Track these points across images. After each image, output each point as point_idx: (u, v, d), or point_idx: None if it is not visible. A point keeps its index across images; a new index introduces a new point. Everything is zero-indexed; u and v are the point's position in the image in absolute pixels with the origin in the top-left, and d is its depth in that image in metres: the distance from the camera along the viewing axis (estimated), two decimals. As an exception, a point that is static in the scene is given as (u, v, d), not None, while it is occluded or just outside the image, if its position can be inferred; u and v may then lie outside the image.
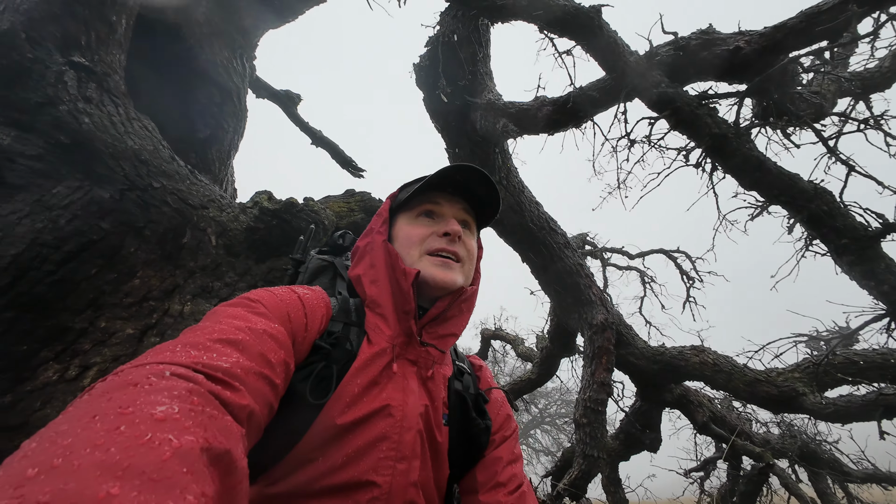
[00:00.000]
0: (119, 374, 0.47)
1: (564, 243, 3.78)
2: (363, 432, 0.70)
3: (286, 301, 0.72)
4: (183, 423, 0.39)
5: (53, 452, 0.33)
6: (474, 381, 0.91)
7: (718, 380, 3.19)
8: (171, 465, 0.34)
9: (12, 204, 1.42)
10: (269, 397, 0.58)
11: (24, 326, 1.30)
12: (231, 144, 2.67)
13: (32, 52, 1.58)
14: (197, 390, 0.46)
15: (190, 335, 0.58)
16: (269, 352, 0.61)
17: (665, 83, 2.04)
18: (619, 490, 4.33)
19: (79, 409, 0.39)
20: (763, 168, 1.87)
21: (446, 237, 0.84)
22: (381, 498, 0.68)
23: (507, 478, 0.82)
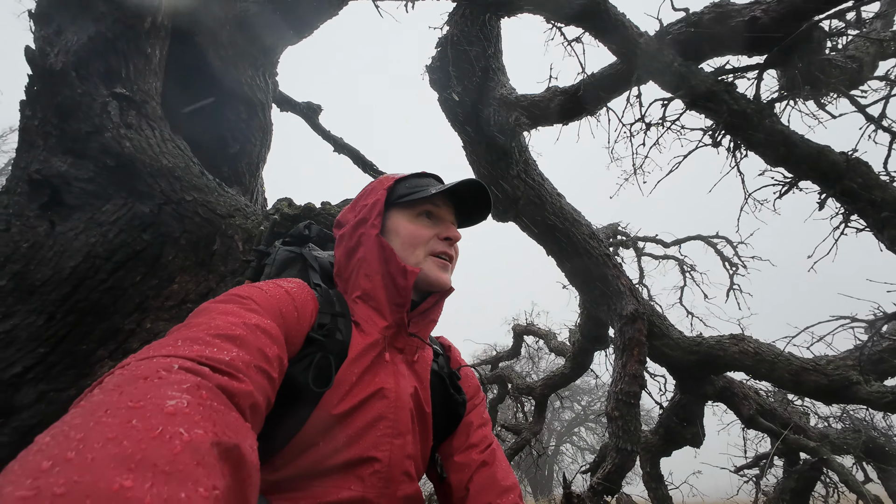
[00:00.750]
0: (127, 368, 0.48)
1: (590, 234, 3.71)
2: (362, 414, 0.76)
3: (276, 297, 0.74)
4: (193, 417, 0.40)
5: (67, 446, 0.33)
6: (447, 361, 0.99)
7: (761, 369, 3.01)
8: (183, 458, 0.35)
9: (70, 222, 1.62)
10: (268, 391, 0.60)
11: (84, 328, 1.49)
12: (259, 157, 2.85)
13: (81, 87, 1.79)
14: (205, 384, 0.47)
15: (186, 331, 0.58)
16: (265, 347, 0.62)
17: (678, 62, 1.97)
18: (661, 486, 4.19)
19: (91, 404, 0.40)
20: (788, 142, 1.75)
21: (447, 241, 0.89)
22: (382, 471, 0.75)
23: (478, 439, 0.92)
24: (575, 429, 19.53)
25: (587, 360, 4.78)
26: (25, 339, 1.40)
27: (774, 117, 1.79)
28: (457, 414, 0.92)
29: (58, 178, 1.66)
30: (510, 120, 2.78)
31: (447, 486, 0.89)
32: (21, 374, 1.36)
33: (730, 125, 1.84)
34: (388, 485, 0.75)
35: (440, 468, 0.89)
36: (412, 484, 0.80)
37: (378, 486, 0.74)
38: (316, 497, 0.70)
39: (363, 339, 0.81)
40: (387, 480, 0.75)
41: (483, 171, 3.34)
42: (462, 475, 0.88)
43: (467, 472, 0.87)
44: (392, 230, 0.90)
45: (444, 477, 0.89)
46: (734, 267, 5.22)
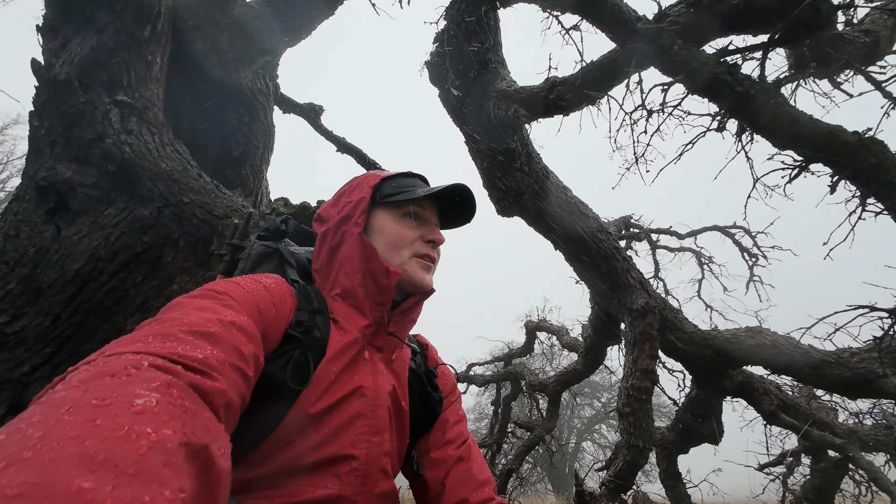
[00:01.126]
0: (93, 364, 0.46)
1: (597, 227, 3.63)
2: (340, 412, 0.75)
3: (254, 293, 0.73)
4: (161, 417, 0.38)
5: (24, 445, 0.31)
6: (424, 359, 0.98)
7: (779, 363, 2.89)
8: (149, 458, 0.33)
9: (75, 226, 1.68)
10: (243, 390, 0.58)
11: (88, 328, 1.54)
12: (262, 159, 2.90)
13: (85, 95, 1.85)
14: (176, 382, 0.45)
15: (158, 326, 0.56)
16: (240, 344, 0.61)
17: (678, 45, 1.90)
18: (679, 484, 4.08)
19: (52, 401, 0.38)
20: (796, 123, 1.67)
21: (430, 244, 0.89)
22: (360, 468, 0.74)
23: (454, 435, 0.92)
24: (595, 426, 19.27)
25: (600, 355, 4.69)
26: (33, 339, 1.46)
27: (781, 98, 1.70)
28: (433, 411, 0.92)
29: (63, 184, 1.72)
30: (509, 113, 2.74)
31: (423, 482, 0.89)
32: (29, 373, 1.42)
33: (733, 108, 1.77)
34: (365, 482, 0.74)
35: (416, 465, 0.89)
36: (388, 481, 0.79)
37: (355, 483, 0.73)
38: (291, 495, 0.69)
39: (342, 336, 0.80)
40: (364, 478, 0.74)
41: (486, 167, 3.31)
42: (438, 471, 0.88)
43: (443, 468, 0.88)
44: (376, 229, 0.89)
45: (420, 473, 0.88)
46: (754, 258, 5.03)
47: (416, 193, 0.89)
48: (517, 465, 4.84)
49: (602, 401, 18.67)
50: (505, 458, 6.59)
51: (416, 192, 0.89)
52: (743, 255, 5.15)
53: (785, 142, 1.72)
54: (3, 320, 1.46)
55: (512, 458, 5.01)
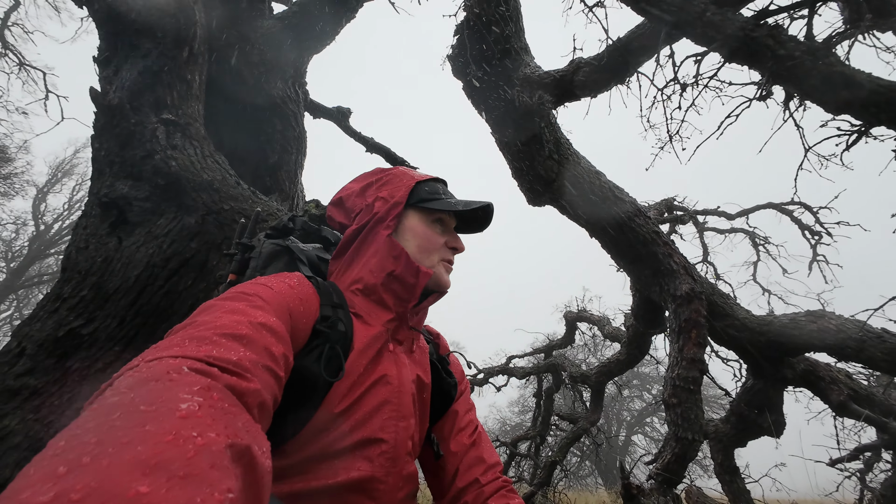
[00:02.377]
0: (137, 370, 0.48)
1: (634, 211, 3.48)
2: (368, 400, 0.79)
3: (282, 293, 0.75)
4: (205, 420, 0.40)
5: (82, 451, 0.33)
6: (436, 348, 1.03)
7: (847, 349, 2.64)
8: (197, 461, 0.35)
9: (133, 237, 1.85)
10: (275, 389, 0.61)
11: (149, 329, 1.70)
12: (296, 164, 3.03)
13: (135, 117, 2.02)
14: (215, 385, 0.47)
15: (192, 330, 0.59)
16: (270, 345, 0.63)
17: (711, 10, 1.77)
18: (737, 479, 3.86)
19: (103, 407, 0.40)
20: (852, 84, 1.50)
21: (453, 251, 0.96)
22: (389, 451, 0.79)
23: (465, 423, 0.98)
24: (646, 419, 18.54)
25: (644, 345, 4.51)
26: (104, 339, 1.64)
27: (833, 58, 1.54)
28: (449, 395, 0.97)
29: (122, 199, 1.90)
30: (534, 99, 2.68)
31: (440, 465, 0.95)
32: (102, 370, 1.60)
33: (777, 74, 1.62)
34: (394, 464, 0.79)
35: (436, 447, 0.94)
36: (412, 462, 0.85)
37: (385, 465, 0.78)
38: (326, 478, 0.73)
39: (367, 330, 0.84)
40: (393, 460, 0.79)
41: (513, 157, 3.26)
42: (454, 457, 0.94)
43: (458, 454, 0.95)
44: (408, 230, 0.91)
45: (440, 455, 0.94)
46: (816, 236, 4.60)
47: (449, 203, 0.92)
48: (561, 457, 4.77)
49: (653, 393, 17.91)
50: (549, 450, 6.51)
51: (450, 202, 0.93)
52: (804, 233, 4.72)
53: (839, 106, 1.56)
54: (79, 323, 1.64)
55: (556, 451, 4.94)
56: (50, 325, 1.64)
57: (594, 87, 2.39)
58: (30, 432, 1.44)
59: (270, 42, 2.79)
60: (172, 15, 2.26)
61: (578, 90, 2.41)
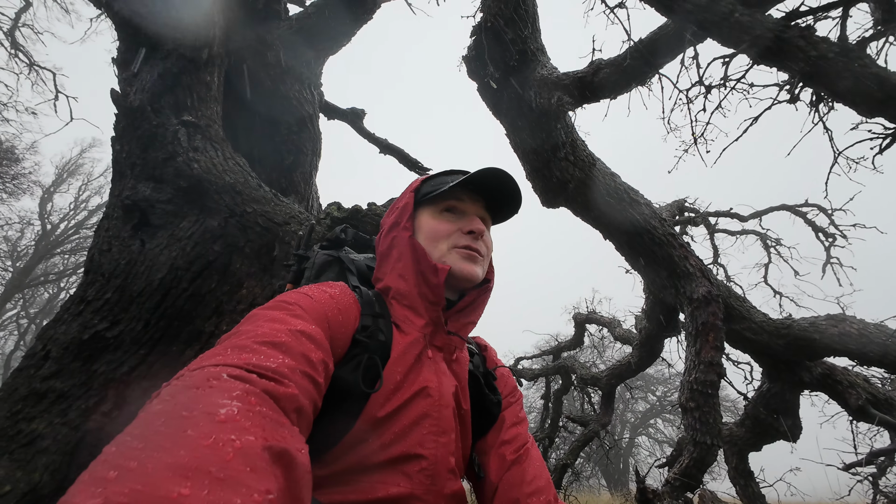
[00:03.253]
0: (181, 379, 0.50)
1: (650, 214, 3.45)
2: (408, 412, 0.77)
3: (321, 302, 0.76)
4: (243, 424, 0.42)
5: (129, 455, 0.35)
6: (482, 361, 0.98)
7: (869, 353, 2.60)
8: (235, 464, 0.37)
9: (156, 240, 1.84)
10: (314, 395, 0.62)
11: (173, 331, 1.69)
12: (311, 165, 3.02)
13: (156, 119, 2.02)
14: (252, 390, 0.49)
15: (234, 339, 0.61)
16: (309, 352, 0.64)
17: (739, 11, 1.75)
18: (751, 483, 3.82)
19: (149, 414, 0.43)
20: (887, 85, 1.48)
21: (471, 235, 0.88)
22: (429, 468, 0.76)
23: (511, 437, 0.91)
24: (651, 420, 18.46)
25: (657, 347, 4.48)
26: (129, 342, 1.63)
27: (867, 59, 1.52)
28: (491, 413, 0.91)
29: (144, 202, 1.89)
30: (552, 101, 2.66)
31: (483, 484, 0.89)
32: (128, 373, 1.59)
33: (808, 75, 1.60)
34: (434, 482, 0.76)
35: (477, 467, 0.89)
36: (456, 481, 0.80)
37: (425, 483, 0.75)
38: (364, 492, 0.72)
39: (404, 338, 0.83)
40: (433, 477, 0.76)
41: (528, 158, 3.25)
42: (495, 473, 0.88)
43: (500, 470, 0.87)
44: (419, 229, 0.92)
45: (481, 476, 0.88)
46: (830, 238, 4.56)
47: (445, 182, 0.90)
48: (572, 460, 4.75)
49: (657, 394, 17.84)
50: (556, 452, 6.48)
51: (446, 181, 0.90)
52: (817, 235, 4.68)
53: (873, 108, 1.54)
54: (104, 326, 1.64)
55: (567, 453, 4.92)
56: (75, 328, 1.64)
57: (614, 89, 2.37)
58: (58, 436, 1.43)
59: (287, 44, 2.78)
60: (192, 17, 2.25)
61: (598, 92, 2.39)
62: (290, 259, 1.08)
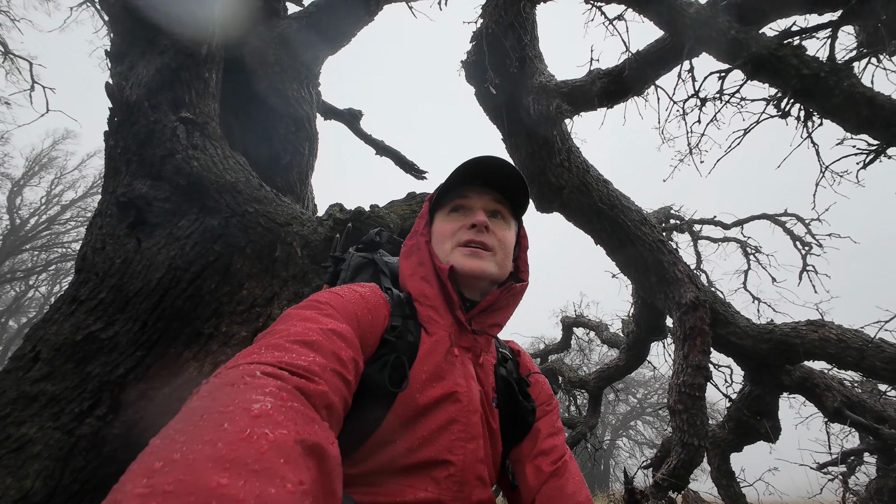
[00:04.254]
0: (219, 377, 0.53)
1: (640, 220, 3.55)
2: (436, 416, 0.77)
3: (352, 301, 0.78)
4: (276, 418, 0.43)
5: (173, 448, 0.38)
6: (516, 367, 0.97)
7: (847, 358, 2.73)
8: (270, 456, 0.38)
9: (154, 238, 1.79)
10: (344, 392, 0.63)
11: (171, 333, 1.65)
12: (308, 166, 2.99)
13: (154, 115, 1.97)
14: (284, 387, 0.51)
15: (269, 338, 0.64)
16: (339, 350, 0.66)
17: (735, 29, 1.82)
18: (733, 483, 3.95)
19: (189, 410, 0.46)
20: (873, 104, 1.56)
21: (473, 228, 0.88)
22: (457, 474, 0.75)
23: (548, 447, 0.89)
24: (631, 422, 18.81)
25: (644, 351, 4.59)
26: (125, 343, 1.58)
27: (854, 78, 1.60)
28: (525, 421, 0.90)
29: (140, 199, 1.84)
30: (550, 108, 2.71)
31: (517, 495, 0.88)
32: (124, 375, 1.54)
33: (800, 92, 1.68)
34: (462, 488, 0.75)
35: (511, 476, 0.88)
36: (486, 489, 0.80)
37: (453, 489, 0.75)
38: (393, 495, 0.72)
39: (430, 338, 0.83)
40: (461, 484, 0.75)
41: (524, 163, 3.29)
42: (530, 485, 0.86)
43: (536, 482, 0.85)
44: (433, 234, 0.94)
45: (515, 485, 0.87)
46: (807, 246, 4.76)
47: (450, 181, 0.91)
48: (560, 462, 4.81)
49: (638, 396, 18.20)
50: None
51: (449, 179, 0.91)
52: (795, 243, 4.88)
53: (860, 125, 1.62)
54: (99, 326, 1.58)
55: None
56: (67, 329, 1.58)
57: (612, 98, 2.43)
58: (50, 441, 1.38)
59: (286, 42, 2.75)
60: (190, 13, 2.21)
61: (596, 100, 2.44)
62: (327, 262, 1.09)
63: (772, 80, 1.77)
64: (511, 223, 0.96)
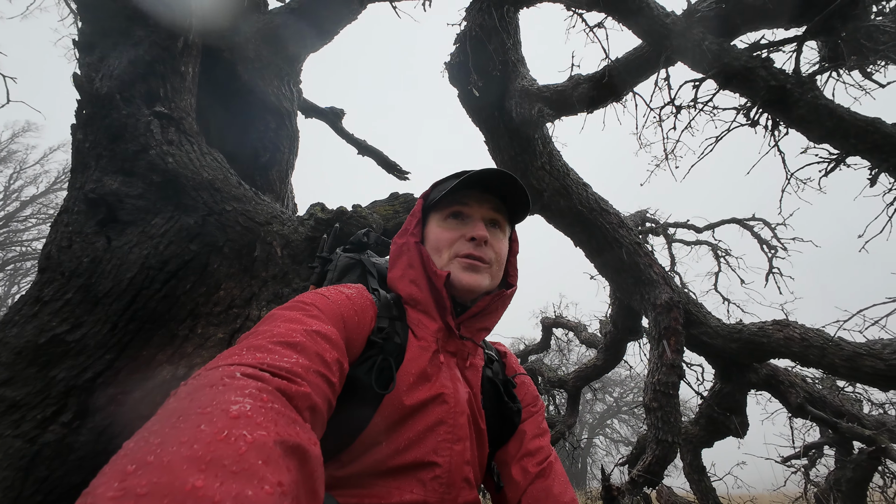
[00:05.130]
0: (198, 378, 0.52)
1: (618, 223, 3.64)
2: (423, 417, 0.77)
3: (338, 302, 0.77)
4: (255, 419, 0.43)
5: (147, 450, 0.37)
6: (502, 368, 0.97)
7: (810, 356, 2.88)
8: (248, 457, 0.38)
9: (125, 237, 1.73)
10: (328, 394, 0.62)
11: (144, 335, 1.58)
12: (288, 164, 2.93)
13: (126, 108, 1.89)
14: (265, 388, 0.50)
15: (251, 339, 0.62)
16: (323, 352, 0.65)
17: (709, 40, 1.90)
18: (704, 478, 4.09)
19: (166, 411, 0.44)
20: (834, 116, 1.66)
21: (473, 242, 0.86)
22: (443, 476, 0.75)
23: (534, 448, 0.89)
24: (608, 421, 19.23)
25: (620, 351, 4.70)
26: (94, 346, 1.51)
27: (818, 91, 1.70)
28: (511, 422, 0.90)
29: (111, 195, 1.77)
30: (533, 112, 2.75)
31: (503, 496, 0.87)
32: (92, 379, 1.47)
33: (768, 102, 1.76)
34: (448, 490, 0.75)
35: (496, 477, 0.88)
36: (472, 491, 0.80)
37: (439, 491, 0.74)
38: (379, 497, 0.71)
39: (417, 342, 0.83)
40: (447, 486, 0.75)
41: (506, 165, 3.33)
42: (517, 486, 0.86)
43: (522, 483, 0.85)
44: (426, 235, 0.92)
45: (500, 486, 0.87)
46: (773, 250, 4.99)
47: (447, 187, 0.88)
48: (539, 461, 4.87)
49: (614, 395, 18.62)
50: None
51: (446, 185, 0.90)
52: (762, 247, 5.11)
53: (823, 135, 1.72)
54: (65, 329, 1.51)
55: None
56: (29, 331, 1.50)
57: (592, 104, 2.49)
58: (10, 449, 1.30)
59: (267, 37, 2.70)
60: (167, 3, 2.14)
61: (577, 105, 2.50)
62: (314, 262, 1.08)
63: (742, 90, 1.86)
64: (507, 231, 0.95)
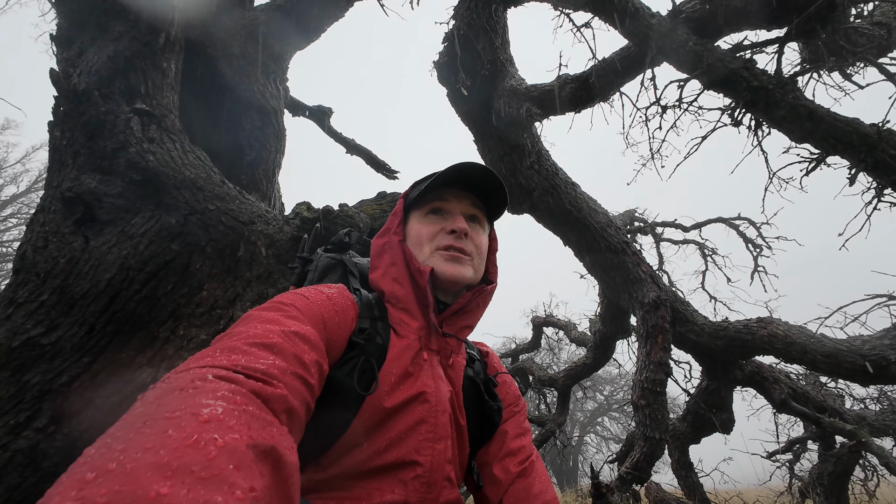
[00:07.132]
0: (167, 381, 0.49)
1: (606, 222, 3.66)
2: (404, 417, 0.76)
3: (318, 303, 0.75)
4: (227, 423, 0.41)
5: (109, 457, 0.35)
6: (483, 367, 0.97)
7: (792, 353, 2.93)
8: (218, 462, 0.36)
9: (103, 236, 1.68)
10: (306, 396, 0.61)
11: (123, 337, 1.55)
12: (275, 163, 2.90)
13: (105, 105, 1.85)
14: (239, 390, 0.48)
15: (226, 341, 0.60)
16: (302, 353, 0.63)
17: (693, 41, 1.92)
18: (692, 474, 4.14)
19: (132, 416, 0.42)
20: (814, 117, 1.69)
21: (453, 234, 0.86)
22: (424, 475, 0.74)
23: (516, 447, 0.89)
24: (598, 419, 19.39)
25: (609, 349, 4.74)
26: (70, 349, 1.47)
27: (798, 92, 1.73)
28: (492, 421, 0.90)
29: (89, 194, 1.72)
30: (521, 111, 2.75)
31: (483, 496, 0.87)
32: (68, 383, 1.43)
33: (750, 103, 1.79)
34: (429, 489, 0.75)
35: (477, 476, 0.88)
36: (453, 490, 0.79)
37: (420, 490, 0.74)
38: (360, 498, 0.70)
39: (400, 341, 0.82)
40: (428, 485, 0.75)
41: (495, 165, 3.33)
42: (498, 485, 0.86)
43: (503, 482, 0.85)
44: (407, 233, 0.92)
45: (480, 486, 0.87)
46: (758, 248, 5.07)
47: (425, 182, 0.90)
48: (530, 459, 4.89)
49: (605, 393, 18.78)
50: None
51: (423, 180, 0.90)
52: (748, 246, 5.20)
53: (803, 135, 1.75)
54: (39, 331, 1.46)
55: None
56: (2, 334, 1.45)
57: (579, 103, 2.50)
58: (-20, 457, 1.26)
59: (253, 33, 2.66)
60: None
61: (565, 105, 2.50)
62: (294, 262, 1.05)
63: (725, 90, 1.88)
64: (486, 227, 0.96)
